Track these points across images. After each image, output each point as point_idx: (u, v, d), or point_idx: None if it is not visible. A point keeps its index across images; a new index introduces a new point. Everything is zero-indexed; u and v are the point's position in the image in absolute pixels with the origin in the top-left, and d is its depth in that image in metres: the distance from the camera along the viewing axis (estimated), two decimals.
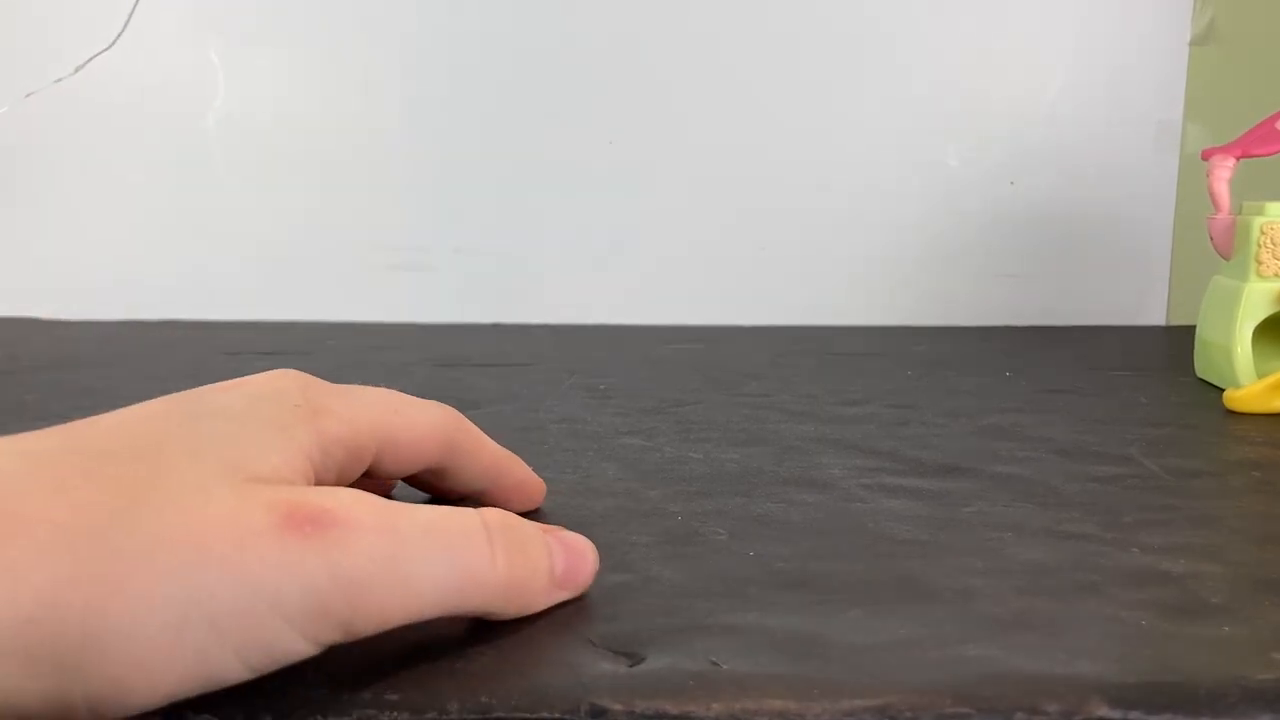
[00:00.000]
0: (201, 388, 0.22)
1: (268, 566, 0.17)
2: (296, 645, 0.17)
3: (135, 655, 0.16)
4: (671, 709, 0.18)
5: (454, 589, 0.19)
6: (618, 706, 0.18)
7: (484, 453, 0.26)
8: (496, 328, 0.64)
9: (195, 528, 0.17)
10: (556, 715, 0.18)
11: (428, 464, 0.25)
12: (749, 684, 0.19)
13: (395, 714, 0.18)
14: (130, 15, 0.62)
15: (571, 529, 0.27)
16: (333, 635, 0.18)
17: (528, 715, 0.18)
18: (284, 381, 0.23)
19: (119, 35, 0.61)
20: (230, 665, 0.17)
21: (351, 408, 0.23)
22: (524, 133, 0.64)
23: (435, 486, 0.27)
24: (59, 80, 0.61)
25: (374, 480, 0.27)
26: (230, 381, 0.22)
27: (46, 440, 0.19)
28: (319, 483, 0.22)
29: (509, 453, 0.27)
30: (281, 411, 0.21)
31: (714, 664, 0.20)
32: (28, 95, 0.62)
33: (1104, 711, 0.18)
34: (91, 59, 0.61)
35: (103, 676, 0.16)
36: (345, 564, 0.18)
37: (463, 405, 0.42)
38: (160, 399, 0.21)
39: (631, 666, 0.20)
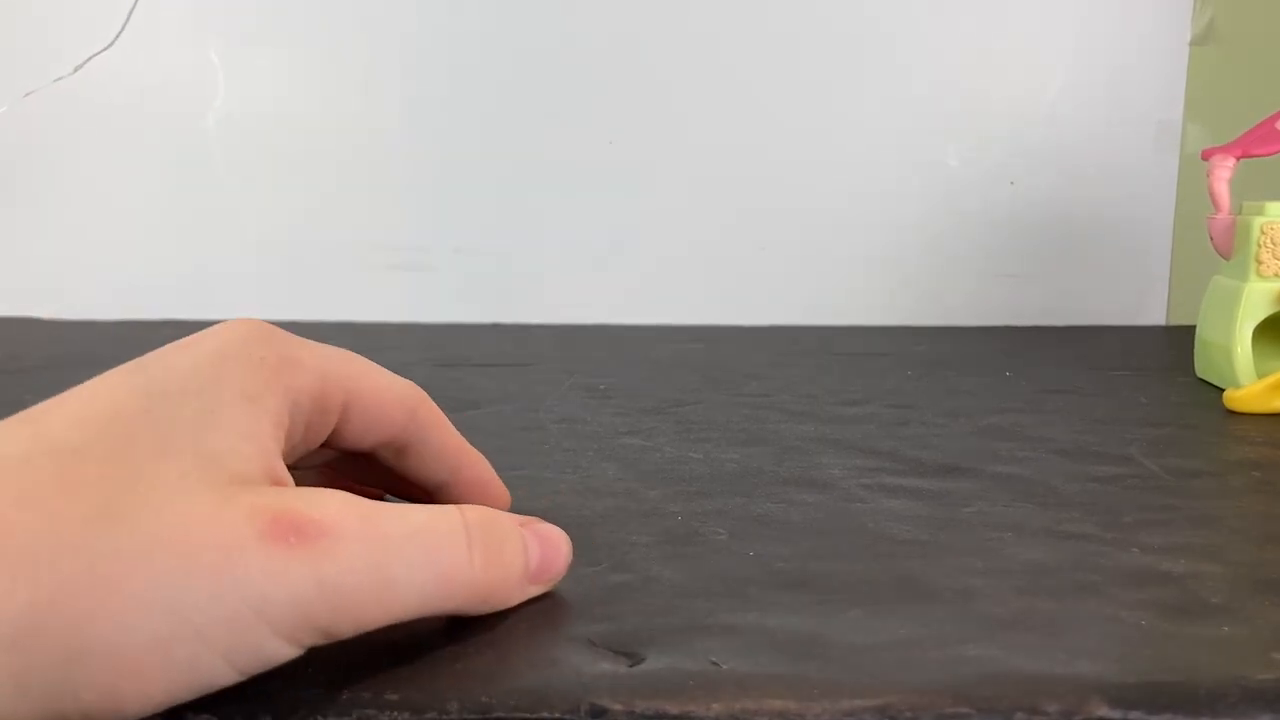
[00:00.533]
0: (162, 350, 0.21)
1: (255, 576, 0.17)
2: (281, 649, 0.18)
3: (126, 667, 0.16)
4: (671, 709, 0.18)
5: (434, 593, 0.20)
6: (618, 706, 0.18)
7: (448, 434, 0.25)
8: (496, 328, 0.64)
9: (178, 537, 0.17)
10: (556, 715, 0.18)
11: (393, 433, 0.24)
12: (749, 684, 0.19)
13: (395, 714, 0.18)
14: (130, 15, 0.62)
15: (571, 529, 0.28)
16: (314, 639, 0.18)
17: (528, 715, 0.18)
18: (246, 330, 0.22)
19: (119, 35, 0.61)
20: (220, 670, 0.17)
21: (317, 356, 0.22)
22: (524, 133, 0.64)
23: (396, 473, 0.25)
24: (59, 80, 0.61)
25: (365, 488, 0.27)
26: (190, 339, 0.21)
27: (10, 442, 0.18)
28: (288, 441, 0.21)
29: (475, 450, 0.26)
30: (247, 374, 0.20)
31: (714, 664, 0.20)
32: (27, 95, 0.62)
33: (1104, 711, 0.18)
34: (91, 59, 0.61)
35: (94, 690, 0.16)
36: (331, 574, 0.18)
37: (463, 405, 0.42)
38: (121, 371, 0.20)
39: (631, 666, 0.20)
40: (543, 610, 0.22)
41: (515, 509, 0.28)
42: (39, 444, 0.18)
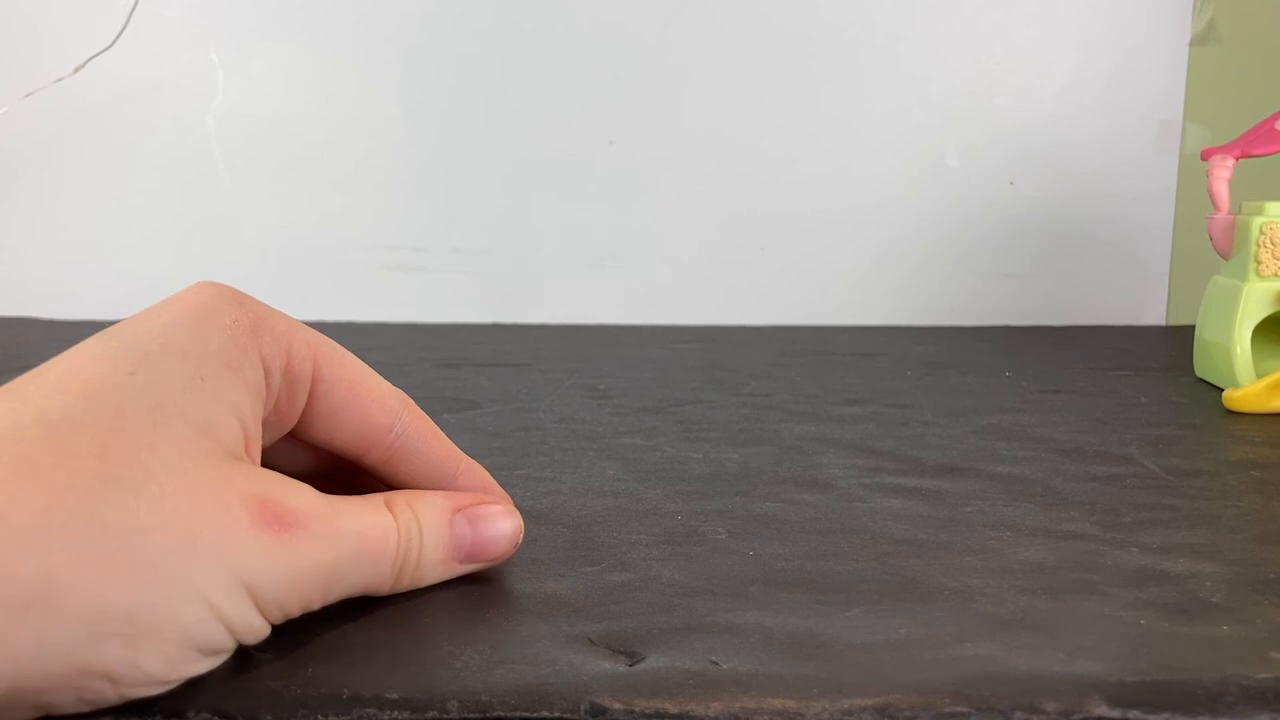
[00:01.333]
0: (135, 316, 0.21)
1: (248, 556, 0.18)
2: (262, 625, 0.19)
3: (142, 626, 0.17)
4: (671, 708, 0.18)
5: (362, 587, 0.21)
6: (617, 706, 0.18)
7: (438, 443, 0.25)
8: (496, 328, 0.64)
9: (182, 512, 0.18)
10: (556, 715, 0.18)
11: (374, 435, 0.23)
12: (749, 683, 0.19)
13: (395, 714, 0.18)
14: (130, 15, 0.62)
15: (571, 529, 0.28)
16: (279, 618, 0.20)
17: (528, 715, 0.18)
18: (216, 292, 0.22)
19: (119, 35, 0.61)
20: (222, 637, 0.18)
21: (286, 322, 0.23)
22: (524, 133, 0.64)
23: (391, 485, 0.25)
24: (59, 80, 0.61)
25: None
26: (160, 303, 0.22)
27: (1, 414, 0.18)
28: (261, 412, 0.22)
29: (469, 459, 0.25)
30: (224, 337, 0.21)
31: (714, 663, 0.20)
32: (27, 95, 0.62)
33: (1103, 710, 0.18)
34: (91, 59, 0.61)
35: (115, 648, 0.17)
36: (303, 565, 0.19)
37: (462, 405, 0.42)
38: (97, 338, 0.20)
39: (631, 666, 0.20)
40: (543, 610, 0.22)
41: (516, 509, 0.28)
42: (24, 414, 0.18)
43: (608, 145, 0.65)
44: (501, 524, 0.24)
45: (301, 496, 0.20)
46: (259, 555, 0.19)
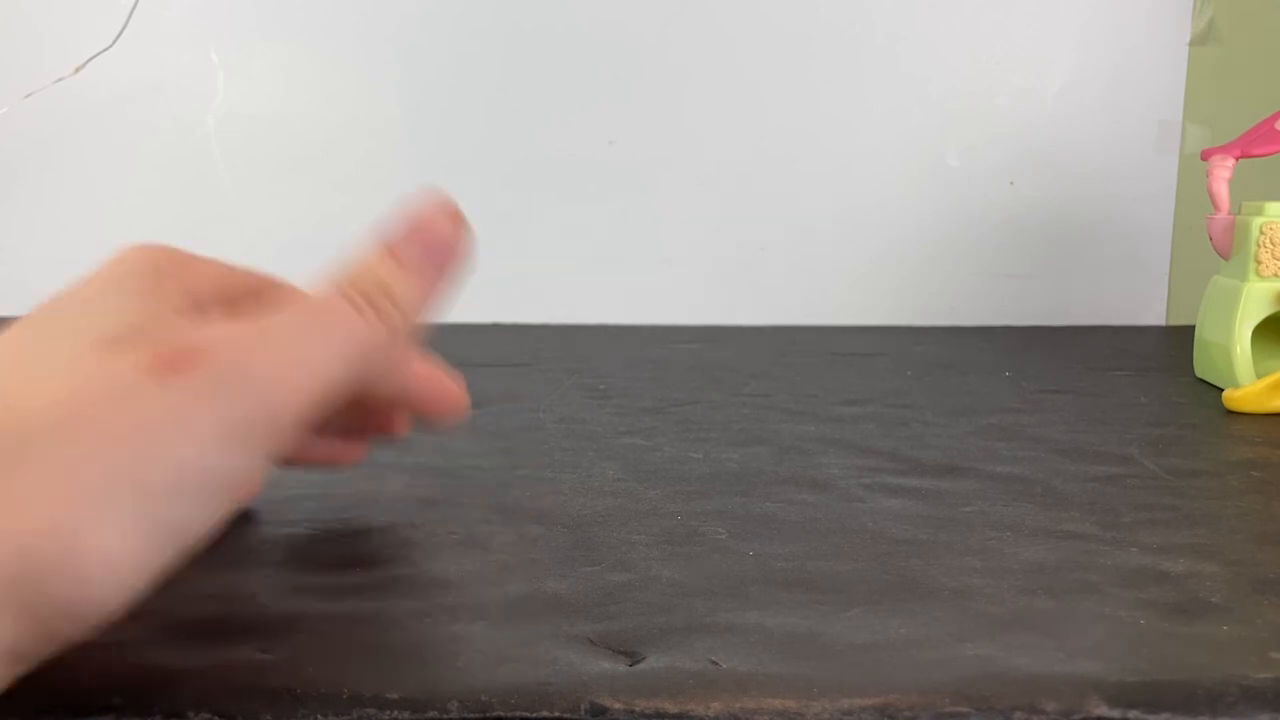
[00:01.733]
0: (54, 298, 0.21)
1: (157, 413, 0.17)
2: (238, 463, 0.18)
3: (78, 548, 0.16)
4: (671, 708, 0.18)
5: (356, 358, 0.20)
6: (617, 705, 0.18)
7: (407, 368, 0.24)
8: (496, 328, 0.64)
9: (64, 406, 0.17)
10: (556, 715, 0.18)
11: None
12: (749, 683, 0.19)
13: (395, 713, 0.18)
14: (130, 15, 0.62)
15: (571, 529, 0.28)
16: (267, 440, 0.18)
17: (528, 715, 0.18)
18: (142, 247, 0.21)
19: (119, 35, 0.61)
20: (185, 514, 0.17)
21: (218, 264, 0.22)
22: (524, 133, 0.64)
23: (346, 413, 0.24)
24: (59, 80, 0.61)
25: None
26: (81, 281, 0.21)
27: None
28: None
29: (430, 369, 0.25)
30: (143, 276, 0.20)
31: (714, 663, 0.20)
32: (27, 95, 0.62)
33: (1102, 710, 0.18)
34: (91, 59, 0.61)
35: (59, 582, 0.16)
36: (237, 377, 0.18)
37: None
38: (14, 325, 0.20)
39: (631, 666, 0.20)
40: (543, 610, 0.22)
41: (515, 509, 0.28)
42: None
43: (608, 145, 0.65)
44: (440, 223, 0.23)
45: (203, 330, 0.18)
46: (177, 405, 0.17)
